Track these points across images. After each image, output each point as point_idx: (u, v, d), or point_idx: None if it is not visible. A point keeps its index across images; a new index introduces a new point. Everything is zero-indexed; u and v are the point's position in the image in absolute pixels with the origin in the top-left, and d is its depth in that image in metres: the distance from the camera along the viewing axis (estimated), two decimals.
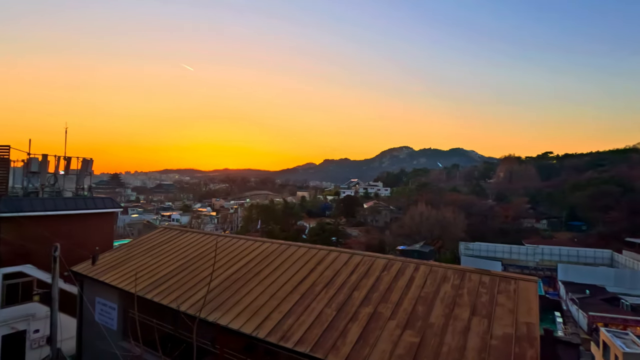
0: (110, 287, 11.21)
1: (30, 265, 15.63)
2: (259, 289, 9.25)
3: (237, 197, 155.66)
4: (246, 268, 10.50)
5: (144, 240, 14.50)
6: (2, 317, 14.96)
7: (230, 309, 8.59)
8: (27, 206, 15.72)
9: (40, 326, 15.81)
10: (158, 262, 12.01)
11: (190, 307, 9.05)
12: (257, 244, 12.10)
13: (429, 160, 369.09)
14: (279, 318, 7.88)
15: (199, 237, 13.77)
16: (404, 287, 8.06)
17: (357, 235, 72.50)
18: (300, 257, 10.58)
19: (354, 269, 9.30)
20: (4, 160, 16.26)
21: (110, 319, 11.38)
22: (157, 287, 10.32)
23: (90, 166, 18.95)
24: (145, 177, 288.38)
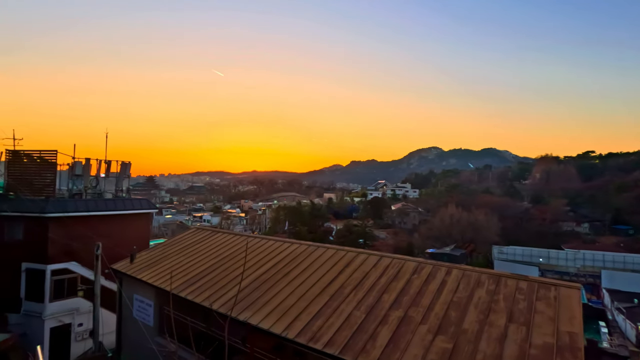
0: (147, 285, 11.71)
1: (75, 263, 16.65)
2: (288, 290, 9.33)
3: (265, 198, 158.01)
4: (275, 269, 10.63)
5: (178, 240, 15.04)
6: (51, 311, 16.03)
7: (260, 309, 8.72)
8: (72, 207, 16.76)
9: (83, 320, 16.79)
10: (191, 261, 12.42)
11: (221, 305, 9.28)
12: (285, 245, 12.22)
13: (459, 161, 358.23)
14: (308, 319, 7.91)
15: (229, 237, 14.10)
16: (435, 291, 7.85)
17: (385, 238, 71.47)
18: (328, 258, 10.58)
19: (383, 272, 9.17)
20: (52, 164, 17.45)
21: (147, 315, 11.88)
22: (191, 285, 10.67)
23: (129, 169, 19.96)
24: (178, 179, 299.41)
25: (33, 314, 16.04)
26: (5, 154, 18.11)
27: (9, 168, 17.45)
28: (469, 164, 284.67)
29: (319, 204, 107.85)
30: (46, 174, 17.29)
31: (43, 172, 17.31)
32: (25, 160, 17.69)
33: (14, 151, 17.82)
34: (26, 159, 17.72)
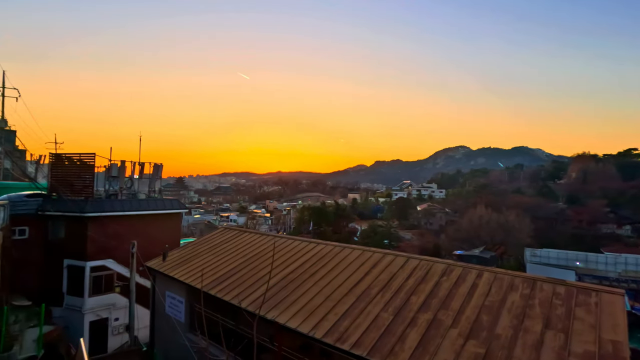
0: (179, 282, 12.12)
1: (111, 260, 17.50)
2: (315, 290, 9.38)
3: (289, 199, 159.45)
4: (302, 269, 10.72)
5: (207, 239, 15.47)
6: (89, 305, 16.93)
7: (287, 308, 8.83)
8: (109, 207, 17.64)
9: (119, 315, 17.62)
10: (220, 260, 12.74)
11: (250, 304, 9.46)
12: (311, 245, 12.29)
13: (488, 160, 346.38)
14: (335, 319, 7.92)
15: (256, 237, 14.35)
16: (465, 294, 7.65)
17: (411, 239, 70.33)
18: (354, 259, 10.55)
19: (411, 273, 9.04)
20: (90, 166, 18.44)
21: (179, 311, 12.30)
22: (220, 283, 10.94)
23: (161, 171, 20.77)
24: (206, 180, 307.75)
25: (74, 308, 17.00)
26: (48, 157, 19.32)
27: (52, 170, 18.59)
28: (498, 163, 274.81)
29: (343, 204, 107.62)
30: (85, 175, 18.29)
31: (82, 174, 18.33)
32: (66, 163, 18.79)
33: (56, 154, 18.97)
34: (67, 162, 18.81)
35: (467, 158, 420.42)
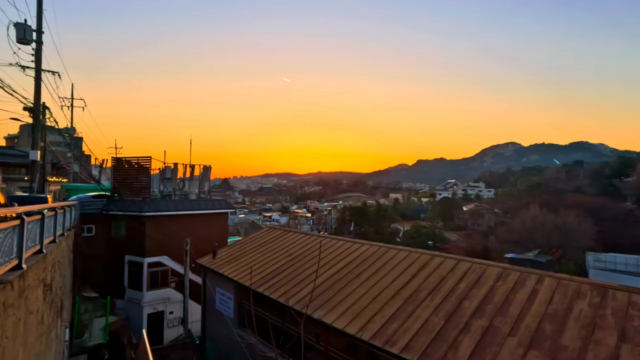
0: (228, 279, 12.60)
1: (166, 257, 18.64)
2: (361, 291, 9.29)
3: (330, 199, 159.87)
4: (347, 269, 10.67)
5: (253, 238, 15.95)
6: (147, 299, 18.15)
7: (333, 308, 8.82)
8: (164, 207, 18.81)
9: (174, 308, 18.71)
10: (266, 258, 13.06)
11: (296, 302, 9.58)
12: (356, 245, 12.20)
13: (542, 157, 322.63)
14: (382, 322, 7.79)
15: (300, 237, 14.53)
16: (524, 301, 7.15)
17: (457, 240, 67.43)
18: (401, 260, 10.30)
19: (462, 277, 8.64)
20: (147, 168, 19.80)
21: (228, 307, 12.78)
22: (267, 281, 11.21)
23: (209, 172, 21.79)
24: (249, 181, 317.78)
25: (134, 300, 18.34)
26: (110, 161, 21.04)
27: (114, 173, 20.20)
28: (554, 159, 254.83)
29: (384, 204, 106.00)
30: (143, 177, 19.66)
31: (140, 176, 19.73)
32: (126, 166, 20.33)
33: (117, 158, 20.59)
34: (127, 165, 20.34)
35: (518, 155, 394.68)
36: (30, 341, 5.89)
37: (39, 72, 15.13)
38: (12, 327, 4.70)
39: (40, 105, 15.39)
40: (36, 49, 14.96)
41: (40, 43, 15.05)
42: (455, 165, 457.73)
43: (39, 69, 15.11)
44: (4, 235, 4.55)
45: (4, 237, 4.56)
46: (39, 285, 6.46)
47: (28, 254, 5.85)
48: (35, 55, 14.97)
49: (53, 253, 7.99)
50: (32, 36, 14.70)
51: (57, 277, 8.67)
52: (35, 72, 15.08)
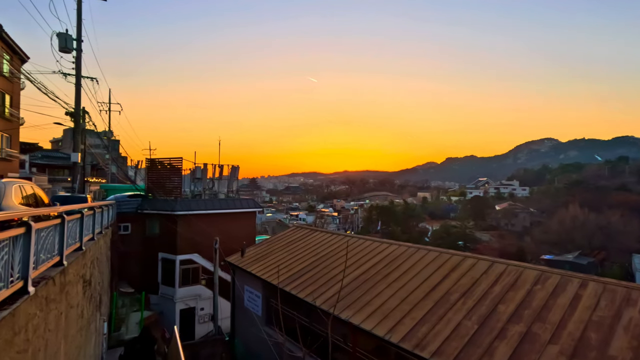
0: (256, 277, 12.75)
1: (197, 255, 19.18)
2: (389, 292, 9.10)
3: (356, 198, 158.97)
4: (375, 269, 10.49)
5: (280, 237, 16.07)
6: (180, 295, 18.77)
7: (361, 309, 8.69)
8: (195, 206, 19.38)
9: (204, 305, 19.23)
10: (293, 257, 13.11)
11: (324, 302, 9.52)
12: (383, 245, 11.98)
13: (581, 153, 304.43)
14: (412, 324, 7.57)
15: (327, 236, 14.47)
16: (566, 306, 6.71)
17: (489, 241, 65.01)
18: (431, 261, 10.00)
19: (497, 279, 8.24)
20: (179, 169, 20.47)
21: (256, 305, 12.94)
22: (294, 280, 11.24)
23: (237, 172, 22.22)
24: (276, 180, 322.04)
25: (167, 296, 19.02)
26: (145, 162, 21.94)
27: (147, 173, 21.04)
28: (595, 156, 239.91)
29: (412, 203, 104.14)
30: (174, 178, 20.36)
31: (172, 176, 20.43)
32: (159, 167, 21.12)
33: (151, 159, 21.43)
34: (159, 166, 21.14)
35: (555, 151, 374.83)
36: (71, 334, 6.19)
37: (79, 78, 15.99)
38: (54, 321, 4.95)
39: (81, 110, 16.25)
40: (76, 56, 15.81)
41: (80, 51, 15.89)
42: (486, 163, 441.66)
43: (78, 76, 15.96)
44: (45, 233, 4.79)
45: (45, 235, 4.81)
46: (78, 280, 6.79)
47: (68, 251, 6.16)
48: (76, 62, 15.82)
49: (92, 250, 8.39)
50: (73, 45, 15.55)
51: (95, 273, 9.10)
52: (75, 78, 15.95)
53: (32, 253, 4.00)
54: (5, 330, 3.26)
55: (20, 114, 22.89)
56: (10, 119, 21.50)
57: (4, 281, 3.41)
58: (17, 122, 22.56)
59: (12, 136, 22.13)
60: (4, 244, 3.39)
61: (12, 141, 22.23)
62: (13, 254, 3.63)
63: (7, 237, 3.42)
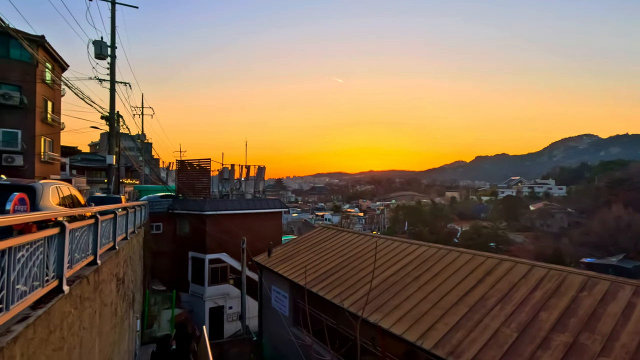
0: (283, 278, 12.73)
1: (225, 254, 19.48)
2: (419, 295, 8.77)
3: (382, 198, 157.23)
4: (404, 271, 10.17)
5: (306, 237, 16.00)
6: (209, 294, 19.13)
7: (390, 312, 8.42)
8: (222, 206, 19.71)
9: (233, 304, 19.50)
10: (320, 258, 12.98)
11: (351, 304, 9.32)
12: (413, 247, 11.61)
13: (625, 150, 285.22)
14: (445, 330, 7.23)
15: (354, 236, 14.24)
16: (618, 316, 6.16)
17: (523, 242, 62.11)
18: (464, 264, 9.56)
19: (537, 284, 7.73)
20: (207, 170, 20.90)
21: (283, 306, 12.92)
22: (321, 282, 11.10)
23: (264, 173, 22.41)
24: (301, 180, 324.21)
25: (197, 294, 19.45)
26: (175, 163, 22.57)
27: (178, 175, 21.63)
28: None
29: (440, 203, 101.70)
30: (203, 178, 20.80)
31: (201, 177, 20.89)
32: (188, 168, 21.67)
33: (181, 160, 22.02)
34: (189, 167, 21.68)
35: (595, 148, 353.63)
36: (105, 331, 6.35)
37: (113, 83, 16.64)
38: (88, 319, 5.06)
39: (115, 114, 16.91)
40: (110, 62, 16.46)
41: (113, 57, 16.53)
42: (519, 161, 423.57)
43: (113, 81, 16.61)
44: (80, 233, 4.90)
45: (80, 235, 4.92)
46: (112, 279, 6.96)
47: (102, 250, 6.32)
48: (110, 68, 16.47)
49: (125, 249, 8.62)
50: (107, 51, 16.20)
51: (129, 272, 9.36)
52: (110, 84, 16.61)
53: (67, 253, 4.08)
54: (41, 329, 3.31)
55: (61, 119, 24.20)
56: (52, 124, 22.77)
57: (40, 280, 3.48)
58: (59, 126, 23.85)
59: (54, 140, 23.42)
60: (39, 243, 3.46)
61: (54, 145, 23.53)
62: (48, 254, 3.70)
63: (42, 237, 3.48)
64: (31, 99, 20.25)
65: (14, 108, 19.48)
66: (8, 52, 19.63)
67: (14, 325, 3.01)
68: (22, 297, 3.12)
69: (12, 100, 19.20)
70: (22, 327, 2.98)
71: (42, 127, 21.60)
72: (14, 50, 19.79)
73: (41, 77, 21.13)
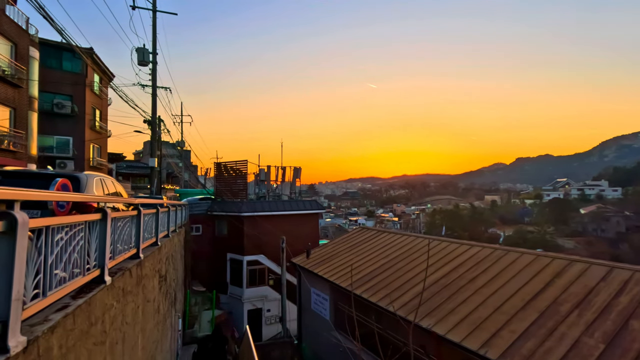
0: (323, 280, 12.24)
1: (262, 256, 19.34)
2: (477, 299, 7.92)
3: (417, 202, 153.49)
4: (456, 273, 9.34)
5: (346, 238, 15.45)
6: (247, 295, 19.04)
7: (445, 317, 7.66)
8: (259, 207, 19.64)
9: (271, 307, 19.27)
10: (362, 259, 12.37)
11: (399, 308, 8.65)
12: (464, 247, 10.72)
13: None
14: (512, 338, 6.38)
15: (396, 237, 13.51)
16: None
17: (574, 248, 57.51)
18: (526, 265, 8.59)
19: (622, 288, 6.68)
20: (244, 174, 20.99)
21: (324, 309, 12.41)
22: (364, 284, 10.48)
23: (299, 173, 22.17)
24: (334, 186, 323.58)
25: (235, 296, 19.43)
26: (213, 167, 22.92)
27: (216, 177, 21.92)
28: None
29: (479, 207, 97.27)
30: (240, 180, 20.89)
31: (238, 180, 21.01)
32: (225, 174, 21.90)
33: (217, 163, 22.33)
34: (225, 172, 21.91)
35: None
36: (149, 328, 6.16)
37: (155, 88, 17.12)
38: (131, 314, 4.84)
39: (157, 118, 17.37)
40: (152, 68, 16.96)
41: (155, 63, 17.03)
42: (565, 161, 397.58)
43: (154, 86, 17.09)
44: (122, 223, 4.70)
45: (122, 225, 4.72)
46: (154, 275, 6.81)
47: (144, 245, 6.16)
48: (152, 74, 16.97)
49: (167, 246, 8.53)
50: (149, 58, 16.71)
51: (170, 270, 9.29)
52: (152, 89, 17.11)
53: (109, 242, 3.84)
54: (81, 320, 3.04)
55: (107, 127, 25.45)
56: (99, 131, 23.96)
57: (80, 268, 3.23)
58: (106, 133, 25.08)
59: (101, 147, 24.65)
60: (80, 227, 3.20)
61: (102, 151, 24.75)
62: (89, 240, 3.46)
63: (82, 221, 3.22)
64: (81, 107, 21.41)
65: (66, 116, 20.67)
66: (61, 64, 20.91)
67: (52, 314, 2.74)
68: (61, 284, 2.86)
69: (64, 109, 20.38)
70: (60, 316, 2.70)
71: (91, 134, 22.76)
72: (66, 63, 21.06)
73: (90, 86, 22.33)
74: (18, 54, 15.76)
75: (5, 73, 14.37)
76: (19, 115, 15.48)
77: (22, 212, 2.08)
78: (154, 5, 16.97)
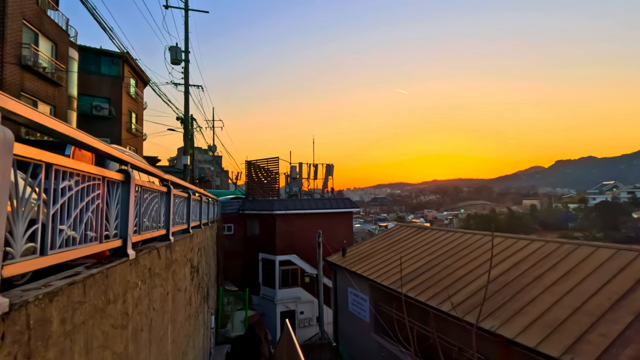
0: (361, 279, 11.39)
1: (295, 255, 18.72)
2: (548, 298, 6.80)
3: (449, 207, 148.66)
4: (517, 269, 8.21)
5: (385, 235, 14.55)
6: (280, 297, 18.44)
7: (511, 318, 6.60)
8: (292, 205, 19.09)
9: (304, 309, 18.55)
10: (403, 257, 11.42)
11: (451, 309, 7.66)
12: (522, 242, 9.53)
13: None
14: (604, 343, 5.27)
15: (439, 234, 12.45)
16: None
17: None
18: (605, 261, 7.35)
19: None
20: (276, 173, 20.58)
21: (363, 310, 11.53)
22: (408, 282, 9.55)
23: (332, 171, 21.45)
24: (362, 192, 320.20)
25: (267, 297, 18.89)
26: (245, 167, 22.74)
27: (247, 175, 21.67)
28: None
29: (518, 212, 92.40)
30: (271, 179, 20.49)
31: (269, 177, 20.62)
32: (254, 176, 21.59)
33: (248, 161, 22.08)
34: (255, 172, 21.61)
35: None
36: (180, 320, 5.61)
37: (187, 86, 17.11)
38: (160, 300, 4.28)
39: (189, 116, 17.34)
40: (184, 66, 16.98)
41: (187, 61, 17.05)
42: (611, 164, 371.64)
43: (187, 84, 17.09)
44: (149, 196, 4.17)
45: (150, 198, 4.19)
46: (186, 263, 6.29)
47: (175, 229, 5.65)
48: (184, 72, 16.99)
49: (199, 237, 8.06)
50: (182, 56, 16.74)
51: (202, 263, 8.81)
52: (184, 87, 17.11)
53: (132, 210, 3.28)
54: (95, 293, 2.45)
55: (143, 130, 26.03)
56: (135, 134, 24.50)
57: (95, 231, 2.65)
58: (141, 136, 25.63)
59: (137, 149, 25.18)
60: (95, 182, 2.64)
61: (138, 153, 25.28)
62: (109, 202, 2.90)
63: (98, 175, 2.66)
64: (118, 110, 21.95)
65: (104, 119, 21.23)
66: (99, 68, 21.59)
67: (55, 280, 2.16)
68: (69, 244, 2.28)
69: (102, 112, 20.95)
70: (65, 282, 2.11)
71: (127, 137, 23.27)
72: (104, 67, 21.72)
73: (126, 90, 22.90)
74: (58, 54, 16.28)
75: (46, 71, 14.79)
76: (59, 113, 15.90)
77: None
78: (186, 4, 17.06)
